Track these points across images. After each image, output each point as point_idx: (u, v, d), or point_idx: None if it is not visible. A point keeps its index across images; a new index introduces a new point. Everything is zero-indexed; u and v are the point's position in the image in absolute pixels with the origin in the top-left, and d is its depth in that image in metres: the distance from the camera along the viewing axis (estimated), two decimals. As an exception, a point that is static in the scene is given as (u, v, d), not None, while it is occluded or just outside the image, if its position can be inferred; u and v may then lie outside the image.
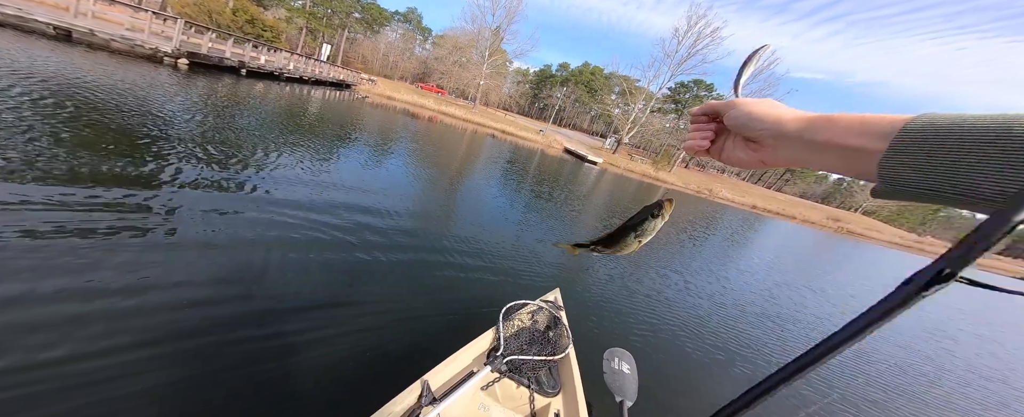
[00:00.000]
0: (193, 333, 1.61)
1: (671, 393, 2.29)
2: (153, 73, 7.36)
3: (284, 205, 3.16)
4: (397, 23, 51.14)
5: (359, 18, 42.26)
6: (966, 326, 7.02)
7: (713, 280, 5.26)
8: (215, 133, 4.54)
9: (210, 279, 1.97)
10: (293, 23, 33.74)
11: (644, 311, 3.39)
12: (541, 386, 1.45)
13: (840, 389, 2.99)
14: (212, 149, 3.92)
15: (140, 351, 1.45)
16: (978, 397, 3.64)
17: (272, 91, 10.35)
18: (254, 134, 5.10)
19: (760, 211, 26.97)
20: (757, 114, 0.36)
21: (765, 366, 3.04)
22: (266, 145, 4.76)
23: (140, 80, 6.23)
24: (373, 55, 47.55)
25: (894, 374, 3.64)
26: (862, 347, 4.00)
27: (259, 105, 7.47)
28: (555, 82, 54.58)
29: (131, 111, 4.35)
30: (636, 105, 33.77)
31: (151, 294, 1.74)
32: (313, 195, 3.61)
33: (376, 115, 13.00)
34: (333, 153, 5.62)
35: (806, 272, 8.26)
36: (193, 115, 5.08)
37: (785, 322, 4.35)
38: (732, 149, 0.41)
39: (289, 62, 15.04)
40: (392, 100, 22.05)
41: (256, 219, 2.76)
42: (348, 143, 6.73)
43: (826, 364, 0.35)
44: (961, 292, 13.31)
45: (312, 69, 16.98)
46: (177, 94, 6.11)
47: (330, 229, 3.03)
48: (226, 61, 11.07)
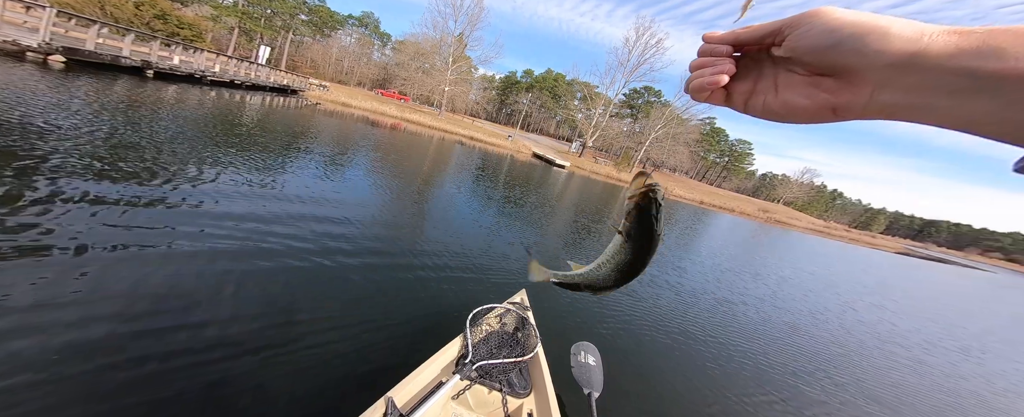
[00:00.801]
0: (121, 368, 1.42)
1: (634, 378, 2.42)
2: (8, 71, 5.66)
3: (212, 219, 2.83)
4: (352, 27, 48.37)
5: (306, 20, 38.94)
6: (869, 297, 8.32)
7: (669, 271, 5.62)
8: (104, 145, 3.79)
9: (133, 303, 1.76)
10: (222, 22, 29.81)
11: (607, 303, 3.51)
12: (513, 388, 1.44)
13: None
14: (99, 162, 3.28)
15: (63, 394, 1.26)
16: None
17: (191, 96, 8.81)
18: (169, 144, 4.40)
19: (707, 206, 29.93)
20: (856, 28, 0.22)
21: (715, 346, 3.34)
22: (187, 156, 4.16)
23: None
24: (324, 60, 44.25)
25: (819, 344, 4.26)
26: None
27: (175, 112, 6.48)
28: (521, 88, 55.69)
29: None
30: (597, 110, 35.69)
31: (64, 327, 1.51)
32: (254, 207, 3.30)
33: (330, 123, 12.05)
34: (280, 164, 5.11)
35: (746, 260, 9.14)
36: (65, 123, 4.08)
37: (732, 305, 4.81)
38: (775, 90, 0.27)
39: (214, 64, 12.97)
40: (348, 107, 20.61)
41: (177, 236, 2.47)
42: (298, 153, 6.15)
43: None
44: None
45: (246, 72, 14.91)
46: (40, 97, 4.87)
47: (273, 241, 2.79)
48: (124, 60, 9.08)
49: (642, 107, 45.02)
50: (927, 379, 3.94)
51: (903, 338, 5.36)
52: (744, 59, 0.29)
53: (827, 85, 0.25)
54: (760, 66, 0.28)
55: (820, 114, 0.26)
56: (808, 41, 0.24)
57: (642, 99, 46.16)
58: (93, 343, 1.50)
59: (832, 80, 0.25)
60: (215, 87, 12.00)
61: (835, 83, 0.24)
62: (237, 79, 13.89)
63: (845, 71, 0.24)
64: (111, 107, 5.38)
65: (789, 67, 0.27)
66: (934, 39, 0.21)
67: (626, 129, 43.50)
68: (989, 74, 0.19)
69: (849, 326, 5.33)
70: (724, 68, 0.28)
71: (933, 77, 0.20)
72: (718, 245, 10.58)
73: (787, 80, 0.27)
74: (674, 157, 40.06)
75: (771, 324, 4.45)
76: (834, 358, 3.87)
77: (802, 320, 5.00)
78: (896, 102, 0.22)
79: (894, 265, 20.78)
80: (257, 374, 1.58)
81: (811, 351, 3.90)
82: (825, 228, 44.55)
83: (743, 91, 0.29)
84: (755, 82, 0.28)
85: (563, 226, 7.36)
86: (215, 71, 12.65)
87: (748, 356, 3.30)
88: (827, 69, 0.24)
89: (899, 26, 0.22)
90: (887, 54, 0.21)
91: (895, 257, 29.18)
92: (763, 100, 0.28)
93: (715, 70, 0.28)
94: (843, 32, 0.23)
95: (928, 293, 11.53)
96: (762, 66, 0.28)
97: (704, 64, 0.29)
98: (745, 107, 0.29)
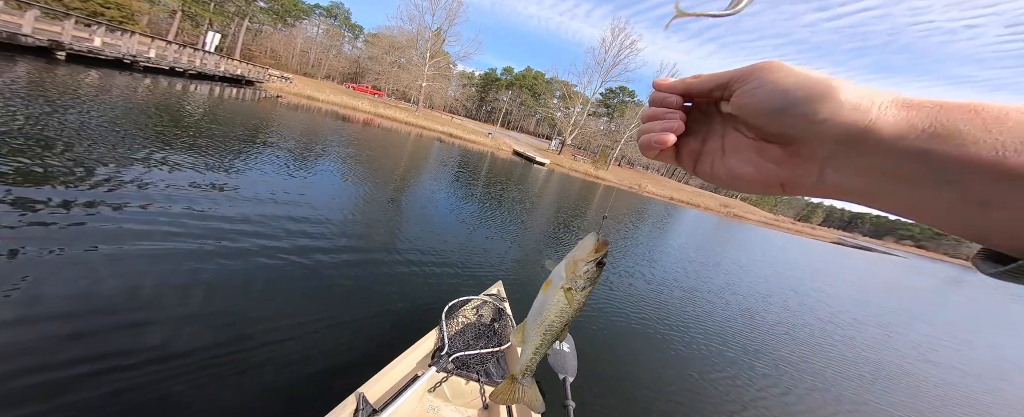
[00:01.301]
0: (78, 377, 1.33)
1: (606, 362, 2.54)
2: None
3: (145, 217, 2.58)
4: (320, 17, 45.15)
5: (265, 8, 35.70)
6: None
7: (641, 263, 5.91)
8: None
9: (78, 305, 1.64)
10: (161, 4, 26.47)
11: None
12: (491, 377, 1.45)
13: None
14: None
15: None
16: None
17: (119, 83, 7.63)
18: (92, 136, 3.83)
19: (676, 202, 31.71)
20: (808, 91, 0.19)
21: (681, 330, 3.56)
22: (114, 150, 3.62)
23: None
24: (287, 50, 41.01)
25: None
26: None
27: (98, 100, 5.63)
28: (500, 86, 55.30)
29: None
30: (575, 108, 36.31)
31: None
32: (203, 205, 3.02)
33: (295, 117, 11.18)
34: (235, 159, 4.68)
35: (708, 251, 9.70)
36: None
37: (696, 293, 5.14)
38: (722, 153, 0.25)
39: (148, 48, 11.40)
40: (314, 101, 19.22)
41: (111, 231, 2.26)
42: (257, 147, 5.67)
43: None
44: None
45: (189, 59, 13.28)
46: None
47: (232, 238, 2.62)
48: (24, 39, 7.64)
49: (617, 106, 46.53)
50: (856, 351, 4.45)
51: (837, 317, 6.20)
52: (694, 111, 0.26)
53: (773, 154, 0.22)
54: (710, 122, 0.26)
55: (768, 187, 0.23)
56: (756, 100, 0.21)
57: (617, 98, 47.69)
58: (22, 347, 1.39)
59: (779, 150, 0.22)
60: (150, 74, 10.52)
61: (782, 153, 0.22)
62: (178, 66, 12.31)
63: (792, 141, 0.21)
64: (5, 92, 4.46)
65: (736, 126, 0.24)
66: (884, 113, 0.18)
67: (603, 128, 44.72)
68: (944, 161, 0.16)
69: (793, 308, 5.85)
70: (672, 126, 0.25)
71: (883, 161, 0.17)
72: (684, 238, 11.26)
73: (734, 142, 0.24)
74: (648, 155, 41.65)
75: (729, 308, 4.87)
76: (782, 337, 4.25)
77: (756, 304, 5.40)
78: (847, 185, 0.19)
79: (831, 253, 23.21)
80: (221, 375, 1.52)
81: (763, 331, 4.25)
82: (775, 221, 49.53)
83: (692, 151, 0.26)
84: (704, 141, 0.26)
85: (544, 222, 7.39)
86: (150, 56, 11.09)
87: (709, 338, 3.56)
88: (774, 136, 0.22)
89: (850, 91, 0.19)
90: (835, 125, 0.18)
91: (831, 247, 32.35)
92: (710, 163, 0.25)
93: (663, 126, 0.25)
94: (793, 94, 0.20)
95: (855, 277, 12.87)
96: (711, 122, 0.26)
97: (655, 115, 0.26)
98: (694, 168, 0.26)
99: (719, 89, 0.24)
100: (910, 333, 6.38)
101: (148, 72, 10.77)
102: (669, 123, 0.25)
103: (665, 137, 0.25)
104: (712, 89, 0.24)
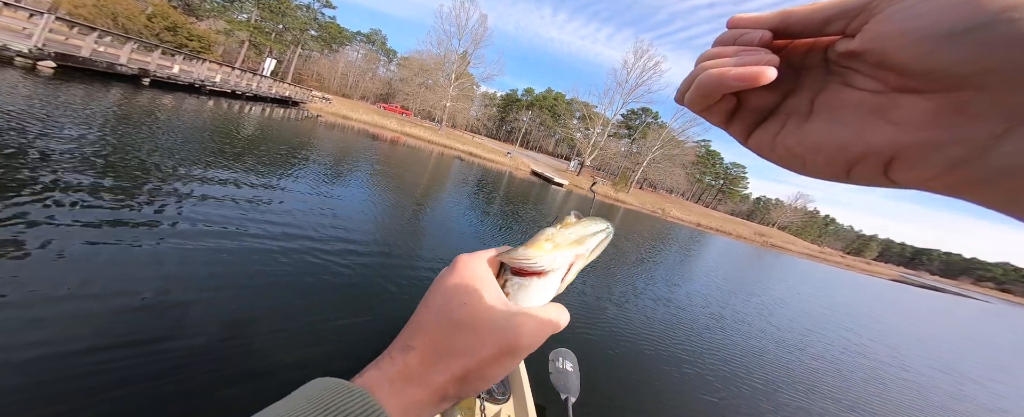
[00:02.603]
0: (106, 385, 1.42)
1: (611, 383, 2.49)
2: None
3: (199, 231, 2.81)
4: (360, 43, 50.09)
5: (316, 36, 40.32)
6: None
7: (660, 285, 5.72)
8: (88, 150, 3.77)
9: (112, 317, 1.76)
10: (234, 36, 30.68)
11: (589, 311, 3.61)
12: (491, 394, 1.45)
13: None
14: (82, 168, 3.25)
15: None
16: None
17: (188, 105, 8.73)
18: (157, 152, 4.37)
19: (704, 228, 30.08)
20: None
21: (697, 357, 3.35)
22: (176, 164, 4.13)
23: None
24: (330, 74, 45.38)
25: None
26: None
27: (169, 120, 6.51)
28: (521, 106, 57.15)
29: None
30: (595, 129, 36.47)
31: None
32: (244, 215, 3.30)
33: (330, 136, 12.12)
34: (274, 174, 5.11)
35: (740, 280, 9.18)
36: (50, 129, 3.99)
37: (722, 320, 4.81)
38: (809, 115, 0.17)
39: (215, 74, 13.02)
40: (348, 120, 20.78)
41: (161, 245, 2.47)
42: (296, 163, 6.14)
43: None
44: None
45: (247, 83, 14.98)
46: (25, 103, 4.74)
47: (262, 242, 2.86)
48: (120, 68, 8.99)
49: (639, 128, 46.27)
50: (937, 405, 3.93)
51: (908, 361, 5.47)
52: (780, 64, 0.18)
53: (911, 111, 0.14)
54: (798, 76, 0.18)
55: (865, 162, 0.15)
56: (922, 21, 0.13)
57: (639, 120, 47.52)
58: (84, 336, 1.56)
59: (927, 103, 0.13)
60: (214, 97, 11.94)
61: (930, 108, 0.13)
62: (238, 90, 13.90)
63: (962, 85, 0.12)
64: (98, 114, 5.24)
65: (848, 79, 0.16)
66: None
67: (623, 149, 44.34)
68: None
69: (841, 345, 5.27)
70: (763, 58, 0.16)
71: None
72: (712, 265, 10.62)
73: (833, 99, 0.16)
74: (671, 178, 40.52)
75: (759, 339, 4.45)
76: (825, 373, 3.88)
77: (793, 338, 4.93)
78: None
79: (893, 291, 21.05)
80: (227, 376, 1.61)
81: (799, 367, 3.90)
82: (820, 253, 45.04)
83: (755, 108, 0.18)
84: (783, 97, 0.18)
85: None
86: (215, 81, 12.64)
87: (733, 368, 3.33)
88: (928, 82, 0.13)
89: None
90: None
91: (892, 284, 29.32)
92: (779, 127, 0.17)
93: (751, 59, 0.16)
94: (975, 18, 0.11)
95: (927, 318, 11.61)
96: (802, 76, 0.17)
97: (722, 54, 0.17)
98: (748, 136, 0.18)
99: (842, 18, 0.15)
100: (1002, 387, 5.54)
101: (212, 95, 12.24)
102: (758, 55, 0.16)
103: (756, 71, 0.15)
104: (829, 20, 0.16)
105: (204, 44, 20.33)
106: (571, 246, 0.25)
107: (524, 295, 0.24)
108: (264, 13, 31.86)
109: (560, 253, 0.24)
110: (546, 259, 0.24)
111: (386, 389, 0.19)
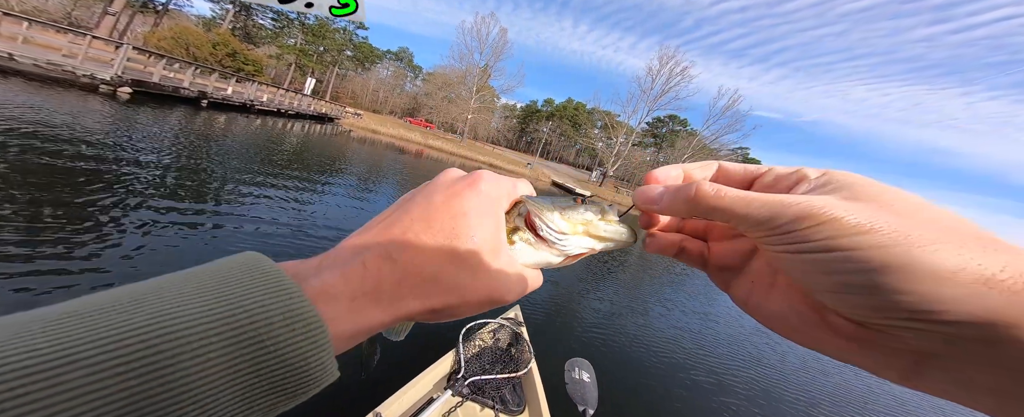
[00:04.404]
0: None
1: (630, 395, 2.44)
2: (78, 102, 6.22)
3: (257, 232, 3.15)
4: (389, 61, 53.67)
5: (351, 56, 43.80)
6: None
7: (682, 295, 5.60)
8: (154, 167, 4.25)
9: None
10: (283, 59, 34.12)
11: (605, 320, 3.53)
12: (506, 405, 1.45)
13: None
14: (145, 183, 3.64)
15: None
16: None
17: (238, 124, 9.55)
18: (213, 168, 4.85)
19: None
20: (906, 262, 0.11)
21: (724, 370, 3.26)
22: (226, 179, 4.55)
23: (60, 108, 5.41)
24: (363, 91, 48.74)
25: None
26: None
27: (219, 138, 7.26)
28: (541, 117, 57.41)
29: (39, 146, 3.79)
30: (618, 139, 35.41)
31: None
32: (285, 225, 3.53)
33: (360, 149, 12.76)
34: (309, 187, 5.49)
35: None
36: (122, 148, 4.56)
37: (755, 339, 4.65)
38: (772, 287, 0.16)
39: (262, 93, 14.20)
40: (377, 134, 21.84)
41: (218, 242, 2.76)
42: (325, 176, 6.61)
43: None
44: None
45: (289, 102, 16.22)
46: (105, 125, 5.45)
47: (304, 242, 3.15)
48: (183, 91, 9.99)
49: (666, 136, 44.34)
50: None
51: None
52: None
53: (840, 327, 0.14)
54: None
55: (833, 356, 0.15)
56: (802, 264, 0.13)
57: (666, 127, 45.63)
58: None
59: (850, 325, 0.13)
60: (261, 115, 12.98)
61: (855, 330, 0.13)
62: (282, 108, 15.06)
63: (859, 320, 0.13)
64: (165, 134, 5.88)
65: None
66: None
67: (649, 158, 42.60)
68: None
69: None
70: (670, 240, 0.18)
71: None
72: None
73: (789, 281, 0.16)
74: (702, 188, 37.87)
75: (792, 352, 4.22)
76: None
77: (836, 367, 4.62)
78: (967, 387, 0.12)
79: None
80: None
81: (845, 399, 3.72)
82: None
83: (726, 255, 0.18)
84: (750, 254, 0.18)
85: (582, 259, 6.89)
86: (263, 100, 13.77)
87: (765, 393, 3.19)
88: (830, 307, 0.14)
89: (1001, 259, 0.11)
90: (964, 315, 0.10)
91: None
92: (748, 289, 0.17)
93: (665, 241, 0.18)
94: (876, 268, 0.11)
95: None
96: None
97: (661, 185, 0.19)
98: (727, 288, 0.19)
99: (736, 227, 0.15)
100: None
101: (260, 113, 13.33)
102: (666, 238, 0.17)
103: (665, 241, 0.16)
104: (716, 223, 0.16)
105: (257, 67, 22.60)
106: (598, 240, 0.23)
107: (527, 253, 0.23)
108: (308, 37, 35.14)
109: (585, 241, 0.23)
110: (572, 241, 0.23)
111: (344, 307, 0.15)
